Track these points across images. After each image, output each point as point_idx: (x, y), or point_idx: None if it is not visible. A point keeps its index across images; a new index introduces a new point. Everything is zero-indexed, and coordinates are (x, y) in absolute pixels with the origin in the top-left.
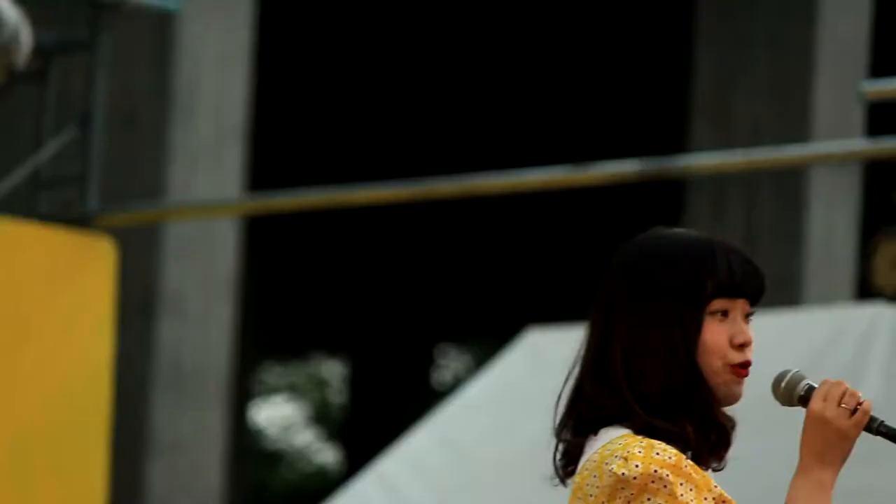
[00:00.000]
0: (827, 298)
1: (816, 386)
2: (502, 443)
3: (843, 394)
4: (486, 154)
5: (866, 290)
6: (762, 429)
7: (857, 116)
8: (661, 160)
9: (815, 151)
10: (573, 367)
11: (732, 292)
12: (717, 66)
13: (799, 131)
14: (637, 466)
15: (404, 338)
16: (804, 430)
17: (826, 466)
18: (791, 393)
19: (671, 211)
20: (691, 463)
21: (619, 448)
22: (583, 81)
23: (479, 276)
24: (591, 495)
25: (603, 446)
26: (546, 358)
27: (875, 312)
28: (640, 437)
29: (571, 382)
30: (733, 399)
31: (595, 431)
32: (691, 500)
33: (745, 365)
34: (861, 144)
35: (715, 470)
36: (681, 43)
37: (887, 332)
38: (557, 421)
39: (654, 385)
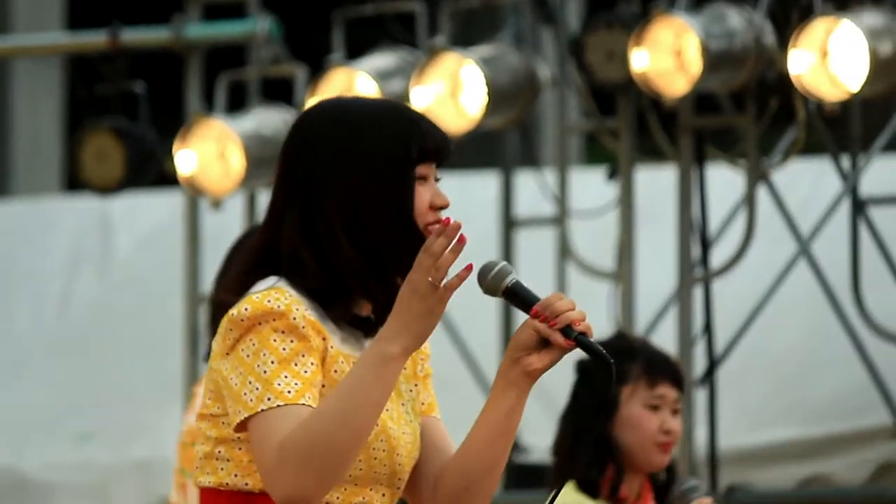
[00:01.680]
0: (35, 191)
1: (522, 282)
2: None
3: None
4: None
5: (74, 182)
6: None
7: (56, 10)
8: None
9: (17, 44)
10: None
11: (433, 157)
12: None
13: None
14: (246, 310)
15: None
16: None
17: (406, 339)
18: (498, 284)
19: None
20: (308, 318)
21: (252, 293)
22: None
23: None
24: (220, 332)
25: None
26: None
27: (83, 206)
28: (276, 287)
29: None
30: None
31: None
32: (280, 346)
33: (439, 222)
34: (62, 38)
35: None
36: None
37: (96, 226)
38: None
39: (375, 242)
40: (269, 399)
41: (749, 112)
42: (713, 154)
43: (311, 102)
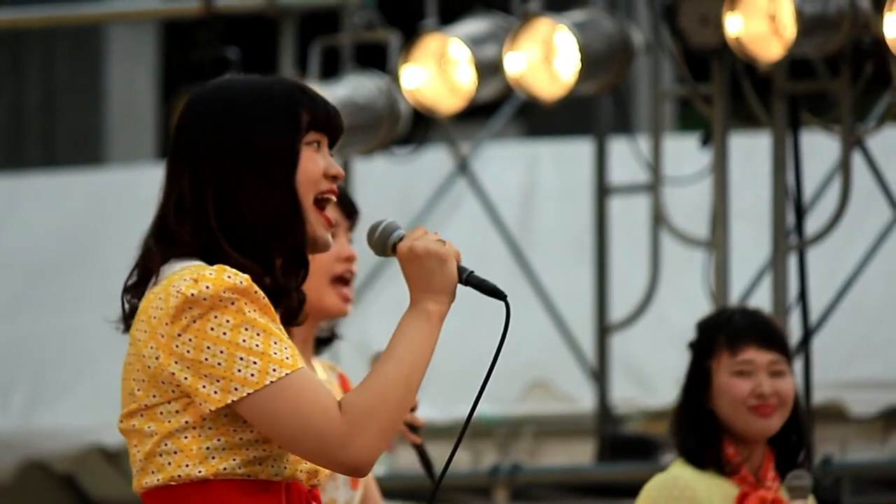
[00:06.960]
0: (130, 158)
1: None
2: None
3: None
4: None
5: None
6: None
7: None
8: None
9: (111, 10)
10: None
11: (325, 125)
12: None
13: None
14: (207, 288)
15: None
16: (403, 272)
17: (433, 295)
18: (385, 242)
19: None
20: (259, 289)
21: (188, 272)
22: None
23: None
24: (154, 317)
25: (171, 273)
26: None
27: None
28: (219, 265)
29: (153, 221)
30: (327, 245)
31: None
32: (258, 318)
33: (333, 194)
34: (156, 4)
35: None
36: None
37: None
38: (136, 260)
39: (251, 218)
40: (273, 370)
41: (844, 77)
42: (808, 119)
43: (407, 68)
